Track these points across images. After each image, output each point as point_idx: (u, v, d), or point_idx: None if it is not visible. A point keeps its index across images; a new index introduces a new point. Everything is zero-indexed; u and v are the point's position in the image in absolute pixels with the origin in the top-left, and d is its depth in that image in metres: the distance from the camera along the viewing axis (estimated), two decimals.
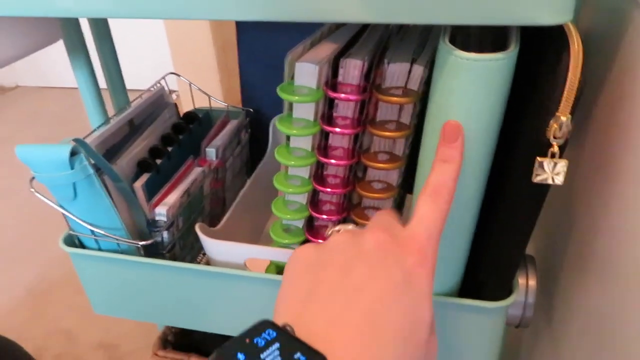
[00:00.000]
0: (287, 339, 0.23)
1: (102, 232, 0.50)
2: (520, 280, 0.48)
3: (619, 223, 0.37)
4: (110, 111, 0.62)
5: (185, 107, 0.73)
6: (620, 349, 0.35)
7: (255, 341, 0.23)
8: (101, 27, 0.59)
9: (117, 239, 0.51)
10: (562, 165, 0.34)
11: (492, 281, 0.45)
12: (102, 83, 0.62)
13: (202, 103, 0.72)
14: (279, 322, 0.25)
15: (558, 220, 0.53)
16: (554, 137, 0.33)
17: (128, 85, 0.70)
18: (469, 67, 0.32)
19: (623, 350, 0.35)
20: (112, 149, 0.55)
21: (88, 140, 0.52)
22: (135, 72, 1.54)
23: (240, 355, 0.22)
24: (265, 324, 0.24)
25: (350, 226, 0.33)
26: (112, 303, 0.56)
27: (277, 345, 0.23)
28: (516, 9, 0.30)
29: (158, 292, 0.53)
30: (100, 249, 0.53)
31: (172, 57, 1.15)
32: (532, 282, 0.48)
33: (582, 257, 0.45)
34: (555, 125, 0.33)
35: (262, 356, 0.22)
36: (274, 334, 0.23)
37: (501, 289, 0.45)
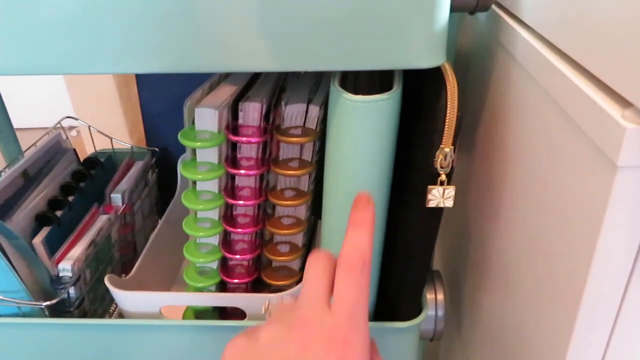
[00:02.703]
0: None
1: None
2: (429, 296, 0.51)
3: (508, 230, 0.41)
4: (0, 163, 0.58)
5: (88, 145, 0.70)
6: (519, 349, 0.39)
7: None
8: None
9: (16, 302, 0.48)
10: (449, 190, 0.37)
11: (403, 301, 0.48)
12: None
13: (106, 141, 0.70)
14: None
15: (458, 234, 0.57)
16: (441, 167, 0.36)
17: (23, 124, 0.65)
18: (357, 107, 0.35)
19: (522, 349, 0.38)
20: (5, 204, 0.52)
21: None
22: (28, 108, 1.45)
23: None
24: None
25: (286, 296, 0.32)
26: None
27: None
28: (397, 55, 0.33)
29: (71, 352, 0.50)
30: None
31: (68, 90, 1.10)
32: (440, 296, 0.52)
33: (481, 266, 0.49)
34: (440, 156, 0.36)
35: None
36: None
37: (412, 307, 0.48)
